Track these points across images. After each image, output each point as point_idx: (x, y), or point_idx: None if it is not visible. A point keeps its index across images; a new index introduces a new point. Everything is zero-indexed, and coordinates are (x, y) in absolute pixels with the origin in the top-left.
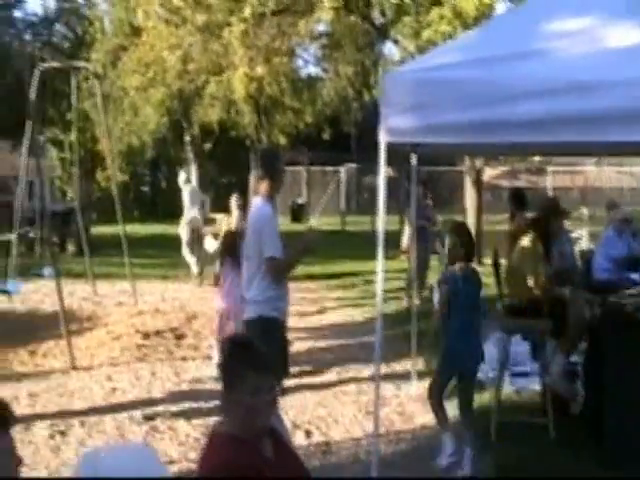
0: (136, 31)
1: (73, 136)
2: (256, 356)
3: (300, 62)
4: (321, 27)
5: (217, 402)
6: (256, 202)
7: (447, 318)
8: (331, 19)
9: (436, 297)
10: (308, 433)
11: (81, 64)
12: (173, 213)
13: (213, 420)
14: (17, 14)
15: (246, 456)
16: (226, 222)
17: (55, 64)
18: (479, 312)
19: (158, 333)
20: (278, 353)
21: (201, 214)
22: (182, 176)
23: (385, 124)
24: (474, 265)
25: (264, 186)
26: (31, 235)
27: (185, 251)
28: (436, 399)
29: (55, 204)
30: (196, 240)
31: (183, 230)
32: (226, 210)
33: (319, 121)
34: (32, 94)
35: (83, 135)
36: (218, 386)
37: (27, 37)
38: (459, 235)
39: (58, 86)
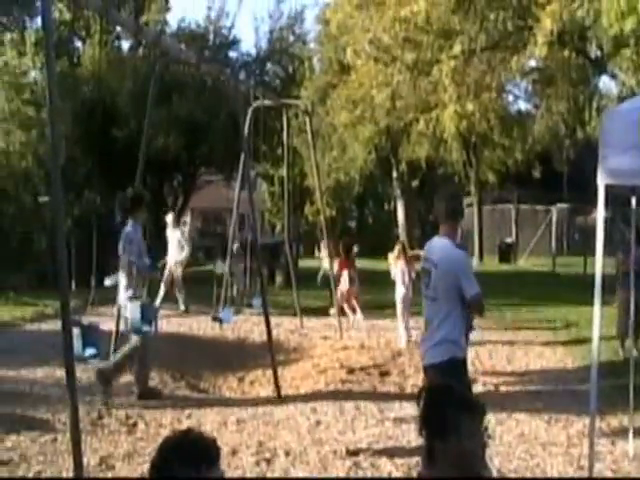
0: (345, 69)
1: (283, 171)
2: (463, 400)
3: (510, 98)
4: (532, 62)
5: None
6: (444, 243)
7: None
8: (544, 54)
9: None
10: None
11: (292, 102)
12: (380, 247)
13: (415, 461)
14: (232, 54)
15: None
16: None
17: (267, 102)
18: None
19: (363, 369)
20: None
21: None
22: (170, 217)
23: (604, 165)
24: None
25: (448, 227)
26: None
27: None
28: None
29: (265, 237)
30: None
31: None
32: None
33: (529, 158)
34: (245, 130)
35: (292, 170)
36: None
37: (241, 76)
38: None
39: (269, 123)
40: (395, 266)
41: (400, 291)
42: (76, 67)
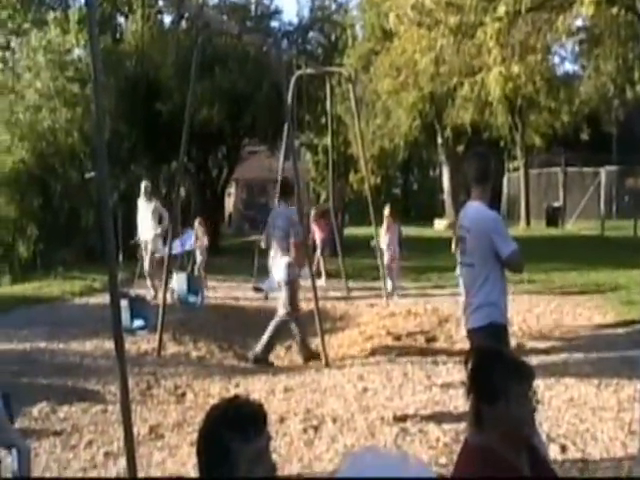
0: (388, 35)
1: (327, 140)
2: (512, 364)
3: (556, 59)
4: (579, 22)
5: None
6: (475, 207)
7: None
8: (591, 13)
9: None
10: (564, 448)
11: (335, 69)
12: (425, 215)
13: (463, 427)
14: (274, 24)
15: (504, 471)
16: None
17: (310, 70)
18: None
19: (409, 335)
20: None
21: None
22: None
23: None
24: None
25: (480, 190)
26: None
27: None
28: None
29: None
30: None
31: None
32: None
33: (577, 120)
34: (289, 100)
35: (336, 139)
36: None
37: (283, 46)
38: None
39: (313, 92)
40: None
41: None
42: (119, 43)
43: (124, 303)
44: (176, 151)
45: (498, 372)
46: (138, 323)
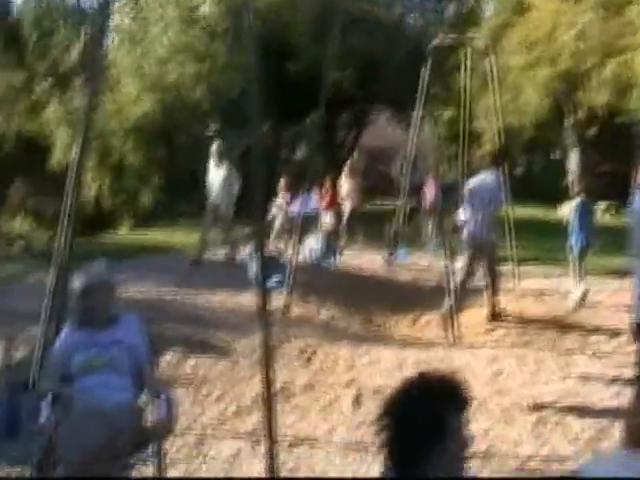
0: (523, 8)
1: (450, 113)
2: None
3: None
4: None
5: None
6: None
7: None
8: None
9: None
10: None
11: (472, 38)
12: (547, 198)
13: (606, 423)
14: None
15: None
16: None
17: (448, 39)
18: None
19: (540, 320)
20: None
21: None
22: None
23: None
24: None
25: None
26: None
27: None
28: None
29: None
30: None
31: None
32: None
33: None
34: (423, 71)
35: (463, 112)
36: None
37: (418, 14)
38: None
39: (442, 63)
40: None
41: None
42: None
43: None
44: (302, 112)
45: None
46: (275, 279)
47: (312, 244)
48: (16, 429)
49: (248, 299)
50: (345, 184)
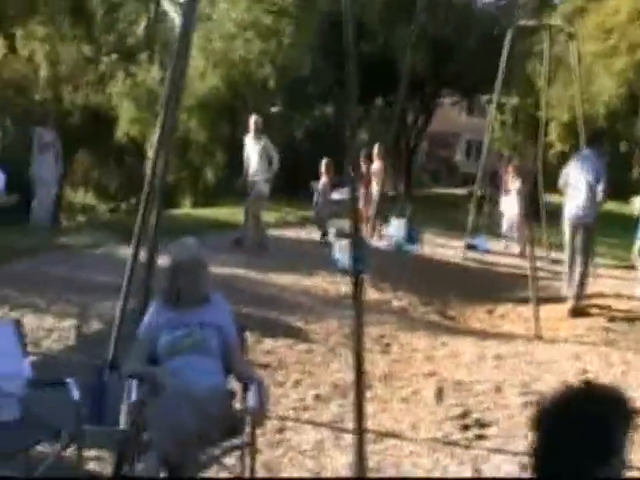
0: None
1: (515, 100)
2: None
3: None
4: None
5: None
6: None
7: None
8: None
9: None
10: None
11: (556, 24)
12: (615, 192)
13: None
14: None
15: None
16: None
17: (530, 22)
18: None
19: (625, 319)
20: None
21: None
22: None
23: None
24: None
25: None
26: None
27: None
28: None
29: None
30: None
31: None
32: None
33: None
34: (504, 54)
35: (527, 100)
36: None
37: None
38: None
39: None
40: None
41: None
42: None
43: (344, 243)
44: (372, 94)
45: None
46: (361, 266)
47: (393, 230)
48: (102, 411)
49: (320, 280)
50: (375, 165)
